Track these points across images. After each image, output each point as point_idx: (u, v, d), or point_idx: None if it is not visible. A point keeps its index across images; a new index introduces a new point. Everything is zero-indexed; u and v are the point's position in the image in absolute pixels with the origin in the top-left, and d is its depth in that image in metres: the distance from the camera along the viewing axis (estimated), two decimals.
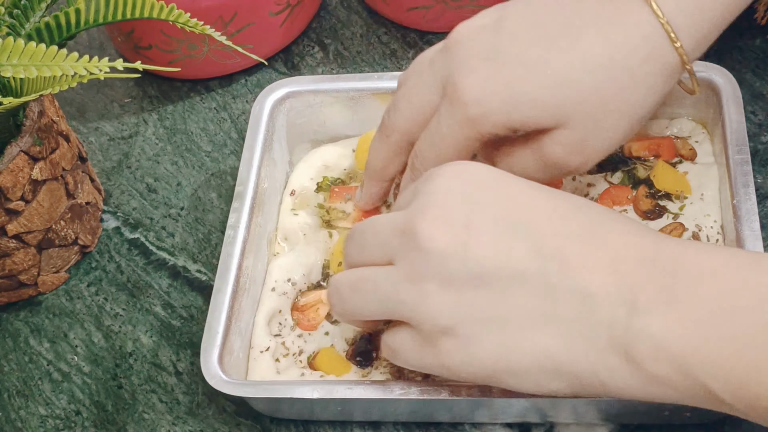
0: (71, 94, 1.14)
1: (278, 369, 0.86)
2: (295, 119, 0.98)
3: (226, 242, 0.88)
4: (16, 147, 0.88)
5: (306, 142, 1.00)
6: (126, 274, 0.98)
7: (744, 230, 0.82)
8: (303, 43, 1.14)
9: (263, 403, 0.84)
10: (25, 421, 0.90)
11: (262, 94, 0.97)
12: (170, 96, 1.12)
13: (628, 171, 0.92)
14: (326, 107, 0.98)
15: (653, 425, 0.81)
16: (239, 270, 0.87)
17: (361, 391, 0.79)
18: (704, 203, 0.88)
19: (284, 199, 0.97)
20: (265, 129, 0.95)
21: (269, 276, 0.91)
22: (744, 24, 1.05)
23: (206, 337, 0.83)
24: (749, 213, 0.83)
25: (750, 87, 1.00)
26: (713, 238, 0.86)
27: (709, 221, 0.87)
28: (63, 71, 0.80)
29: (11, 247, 0.92)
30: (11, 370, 0.94)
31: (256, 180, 0.92)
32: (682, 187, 0.90)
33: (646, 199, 0.89)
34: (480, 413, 0.82)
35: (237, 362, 0.85)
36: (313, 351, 0.86)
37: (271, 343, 0.87)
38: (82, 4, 0.90)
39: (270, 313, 0.89)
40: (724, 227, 0.86)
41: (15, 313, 0.97)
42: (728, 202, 0.85)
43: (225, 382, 0.81)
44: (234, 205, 0.91)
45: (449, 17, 1.08)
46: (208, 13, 1.04)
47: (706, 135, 0.93)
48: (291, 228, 0.94)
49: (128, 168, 1.07)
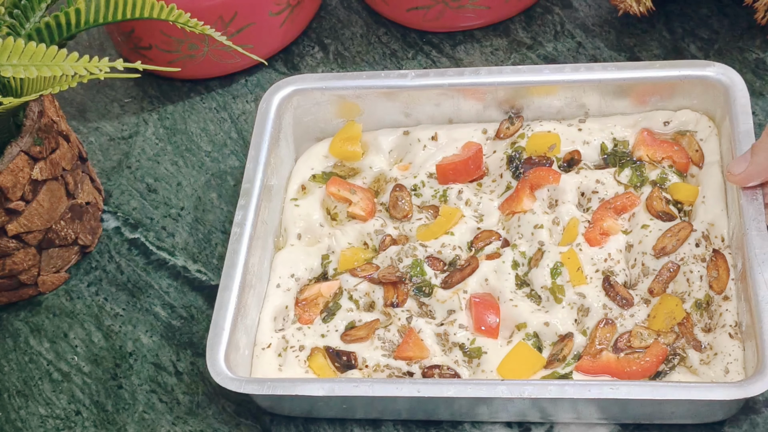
0: (71, 94, 1.14)
1: (280, 364, 0.86)
2: (302, 117, 0.99)
3: (232, 239, 0.88)
4: (16, 147, 0.88)
5: (312, 139, 1.00)
6: (126, 274, 0.98)
7: (751, 231, 0.82)
8: (303, 43, 1.14)
9: (269, 400, 0.84)
10: (25, 421, 0.90)
11: (269, 92, 0.97)
12: (170, 96, 1.12)
13: (636, 169, 0.92)
14: (333, 105, 0.98)
15: (653, 425, 0.82)
16: (245, 267, 0.87)
17: (366, 389, 0.79)
18: (712, 203, 0.88)
19: (288, 193, 0.97)
20: (272, 127, 0.95)
21: (273, 272, 0.91)
22: (744, 24, 1.05)
23: (212, 335, 0.83)
24: (757, 213, 0.83)
25: (750, 87, 1.00)
26: (720, 239, 0.86)
27: (719, 221, 0.87)
28: (63, 71, 0.80)
29: (11, 247, 0.92)
30: (11, 370, 0.94)
31: (263, 177, 0.92)
32: (694, 197, 0.90)
33: (659, 200, 0.89)
34: (480, 411, 0.82)
35: (243, 360, 0.85)
36: (310, 347, 0.87)
37: (273, 340, 0.87)
38: (82, 4, 0.90)
39: (276, 310, 0.89)
40: (731, 228, 0.86)
41: (15, 313, 0.97)
42: (735, 202, 0.85)
43: (231, 380, 0.81)
44: (240, 202, 0.91)
45: (449, 17, 1.09)
46: (208, 13, 1.04)
47: (713, 129, 0.93)
48: (292, 220, 0.95)
49: (128, 168, 1.07)
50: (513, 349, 0.84)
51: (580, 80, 0.94)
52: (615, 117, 0.96)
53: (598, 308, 0.85)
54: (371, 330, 0.87)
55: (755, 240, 0.81)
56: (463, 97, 0.96)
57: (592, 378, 0.81)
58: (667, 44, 1.05)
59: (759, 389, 0.74)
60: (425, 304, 0.88)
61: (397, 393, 0.79)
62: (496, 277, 0.88)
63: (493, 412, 0.82)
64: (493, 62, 1.08)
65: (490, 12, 1.09)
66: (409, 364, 0.85)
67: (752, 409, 0.81)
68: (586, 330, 0.84)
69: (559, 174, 0.92)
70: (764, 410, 0.81)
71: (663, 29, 1.07)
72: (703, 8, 1.07)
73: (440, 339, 0.86)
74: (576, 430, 0.82)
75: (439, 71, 0.97)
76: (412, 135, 0.98)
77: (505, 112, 0.97)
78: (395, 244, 0.92)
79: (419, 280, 0.89)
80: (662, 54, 1.05)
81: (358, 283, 0.90)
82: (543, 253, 0.88)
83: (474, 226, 0.92)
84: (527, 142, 0.95)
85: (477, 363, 0.84)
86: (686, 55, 1.04)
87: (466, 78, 0.96)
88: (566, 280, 0.86)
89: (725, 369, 0.80)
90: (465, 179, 0.95)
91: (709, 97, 0.92)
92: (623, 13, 1.04)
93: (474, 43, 1.09)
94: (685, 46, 1.05)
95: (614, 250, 0.88)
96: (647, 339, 0.82)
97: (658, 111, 0.95)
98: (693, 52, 1.04)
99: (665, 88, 0.93)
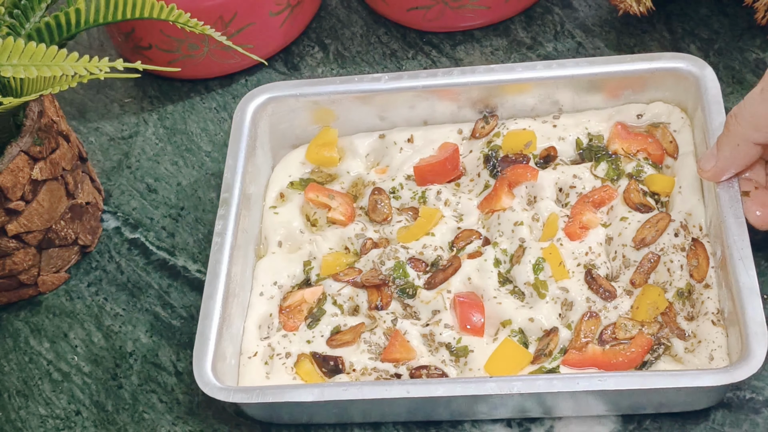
0: (71, 94, 1.14)
1: (267, 372, 0.86)
2: (277, 124, 0.99)
3: (213, 249, 0.88)
4: (16, 147, 0.88)
5: (289, 146, 1.01)
6: (126, 274, 0.98)
7: (728, 218, 0.82)
8: (303, 43, 1.14)
9: (259, 409, 0.84)
10: (25, 421, 0.90)
11: (243, 100, 0.97)
12: (170, 96, 1.12)
13: (612, 162, 0.93)
14: (308, 111, 0.98)
15: (653, 414, 0.82)
16: (228, 276, 0.87)
17: (355, 392, 0.79)
18: (689, 193, 0.89)
19: (267, 200, 0.97)
20: (247, 135, 0.96)
21: (256, 281, 0.91)
22: (744, 24, 1.05)
23: (198, 345, 0.83)
24: (732, 200, 0.83)
25: (750, 87, 1.00)
26: (698, 228, 0.87)
27: (696, 211, 0.88)
28: (63, 71, 0.80)
29: (11, 247, 0.92)
30: (11, 370, 0.94)
31: (241, 186, 0.93)
32: (671, 188, 0.91)
33: (636, 192, 0.90)
34: (479, 409, 0.82)
35: (230, 369, 0.85)
36: (297, 353, 0.87)
37: (259, 348, 0.88)
38: (82, 4, 0.90)
39: (260, 318, 0.89)
40: (709, 216, 0.86)
41: (15, 313, 0.97)
42: (711, 191, 0.85)
43: (220, 390, 0.81)
44: (220, 212, 0.91)
45: (449, 17, 1.09)
46: (208, 13, 1.04)
47: (686, 120, 0.93)
48: (272, 227, 0.95)
49: (128, 168, 1.07)
50: (499, 346, 0.84)
51: (553, 77, 0.95)
52: (589, 112, 0.96)
53: (581, 302, 0.85)
54: (357, 334, 0.87)
55: (733, 227, 0.82)
56: (437, 98, 0.97)
57: (579, 371, 0.82)
58: (667, 44, 1.05)
59: (745, 374, 0.75)
60: (409, 305, 0.89)
61: (386, 395, 0.79)
62: (478, 275, 0.88)
63: (491, 409, 0.82)
64: (493, 62, 1.08)
65: (490, 12, 1.09)
66: (396, 365, 0.85)
67: (752, 409, 0.82)
68: (570, 324, 0.85)
69: (537, 171, 0.92)
70: (764, 410, 0.82)
71: (663, 29, 1.07)
72: (703, 8, 1.07)
73: (426, 339, 0.86)
74: (576, 426, 0.82)
75: (412, 73, 0.97)
76: (388, 138, 0.99)
77: (480, 112, 0.98)
78: (376, 247, 0.92)
79: (402, 282, 0.89)
80: None
81: (341, 288, 0.90)
82: (524, 249, 0.88)
83: (454, 226, 0.92)
84: (503, 140, 0.95)
85: (464, 362, 0.84)
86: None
87: (440, 79, 0.96)
88: (549, 275, 0.87)
89: (710, 356, 0.80)
90: (443, 180, 0.95)
91: (681, 88, 0.93)
92: (623, 13, 1.04)
93: (474, 43, 1.09)
94: (685, 46, 1.05)
95: (594, 243, 0.88)
96: (632, 330, 0.83)
97: (631, 104, 0.95)
98: (693, 52, 1.04)
99: (637, 82, 0.94)
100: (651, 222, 0.88)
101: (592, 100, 0.96)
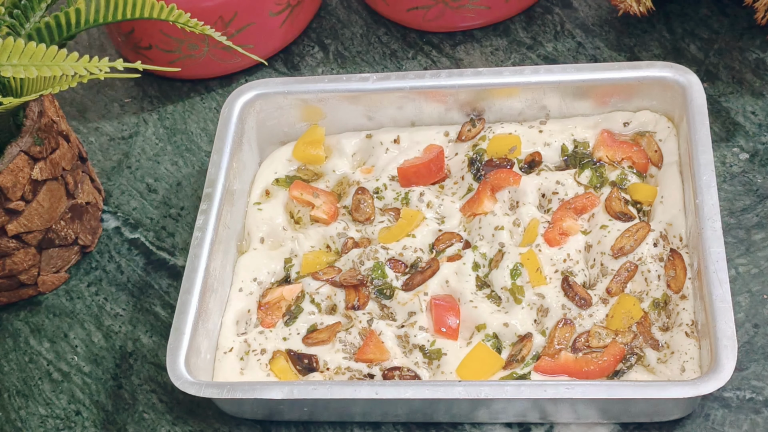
0: (71, 94, 1.14)
1: (242, 368, 0.86)
2: (265, 121, 0.99)
3: (193, 244, 0.88)
4: (16, 147, 0.88)
5: (276, 143, 1.01)
6: (126, 274, 0.98)
7: (706, 230, 0.82)
8: (303, 43, 1.14)
9: (228, 404, 0.84)
10: (25, 421, 0.90)
11: (231, 96, 0.97)
12: (170, 96, 1.12)
13: (596, 169, 0.93)
14: (296, 109, 0.98)
15: (652, 423, 0.82)
16: (207, 271, 0.87)
17: (325, 391, 0.79)
18: (670, 203, 0.89)
19: (252, 197, 0.97)
20: (234, 131, 0.96)
21: (236, 276, 0.91)
22: (744, 24, 1.05)
23: (172, 339, 0.83)
24: (711, 212, 0.83)
25: (750, 87, 1.00)
26: (678, 238, 0.87)
27: (676, 221, 0.88)
28: (63, 71, 0.80)
29: (11, 247, 0.92)
30: (11, 370, 0.94)
31: (225, 182, 0.93)
32: (653, 198, 0.90)
33: (618, 201, 0.90)
34: (479, 413, 0.82)
35: (204, 364, 0.85)
36: (272, 350, 0.87)
37: (235, 344, 0.88)
38: (82, 4, 0.90)
39: (238, 314, 0.89)
40: (689, 227, 0.86)
41: (15, 313, 0.97)
42: (692, 202, 0.85)
43: (191, 384, 0.81)
44: (202, 207, 0.91)
45: (449, 17, 1.09)
46: (208, 13, 1.04)
47: (672, 129, 0.93)
48: (255, 224, 0.95)
49: (128, 168, 1.07)
50: (472, 350, 0.84)
51: (541, 82, 0.95)
52: (575, 118, 0.96)
53: (557, 308, 0.85)
54: (333, 333, 0.87)
55: (710, 239, 0.81)
56: (425, 99, 0.97)
57: (548, 378, 0.81)
58: (667, 44, 1.05)
59: (712, 387, 0.75)
60: (386, 306, 0.89)
61: (355, 395, 0.79)
62: (456, 278, 0.88)
63: (492, 413, 0.82)
64: (493, 62, 1.08)
65: (490, 12, 1.09)
66: (369, 366, 0.85)
67: (753, 409, 0.82)
68: (545, 330, 0.85)
69: (520, 176, 0.92)
70: (764, 410, 0.82)
71: (663, 29, 1.07)
72: (703, 8, 1.07)
73: (401, 341, 0.86)
74: (576, 430, 0.82)
75: (400, 74, 0.97)
76: (374, 138, 0.99)
77: (467, 115, 0.98)
78: (357, 246, 0.92)
79: (380, 282, 0.89)
80: (662, 54, 1.05)
81: (320, 287, 0.90)
82: (503, 254, 0.88)
83: (435, 228, 0.92)
84: (488, 144, 0.95)
85: (437, 365, 0.85)
86: (686, 55, 1.04)
87: (428, 81, 0.96)
88: (526, 280, 0.87)
89: (681, 367, 0.80)
90: (427, 182, 0.95)
91: (668, 97, 0.93)
92: (623, 13, 1.04)
93: (474, 43, 1.09)
94: (685, 46, 1.05)
95: (573, 250, 0.88)
96: (605, 338, 0.83)
97: (618, 112, 0.95)
98: (693, 52, 1.04)
99: (625, 90, 0.94)
100: (630, 231, 0.87)
101: (579, 106, 0.96)
